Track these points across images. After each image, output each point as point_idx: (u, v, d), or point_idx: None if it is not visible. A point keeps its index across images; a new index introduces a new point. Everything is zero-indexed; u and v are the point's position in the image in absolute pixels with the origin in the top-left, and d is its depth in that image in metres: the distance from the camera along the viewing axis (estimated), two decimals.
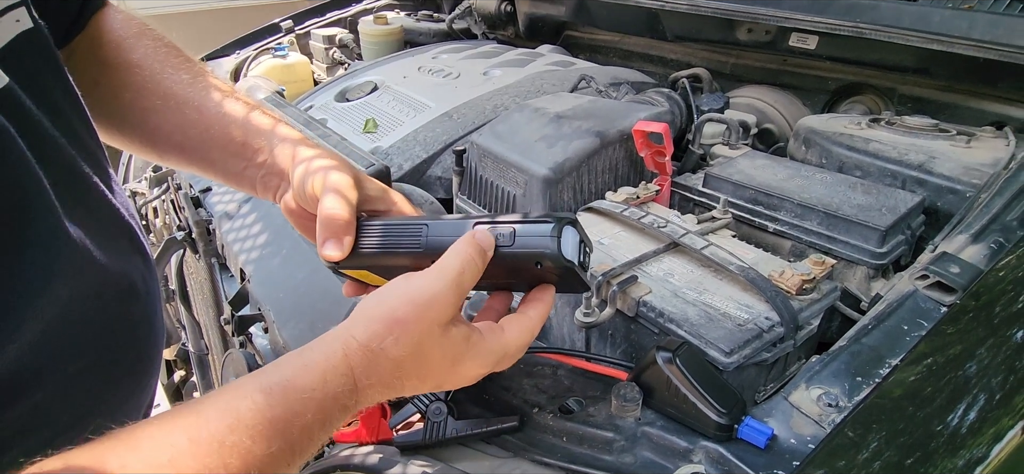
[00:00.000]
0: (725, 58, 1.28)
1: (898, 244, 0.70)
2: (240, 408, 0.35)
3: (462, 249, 0.42)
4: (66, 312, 0.41)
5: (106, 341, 0.46)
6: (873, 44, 0.95)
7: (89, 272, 0.44)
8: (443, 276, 0.41)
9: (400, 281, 0.42)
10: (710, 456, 0.46)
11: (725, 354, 0.53)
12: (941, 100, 1.02)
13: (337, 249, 0.47)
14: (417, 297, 0.40)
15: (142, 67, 0.57)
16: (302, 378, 0.38)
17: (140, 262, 0.52)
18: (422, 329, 0.40)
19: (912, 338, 0.52)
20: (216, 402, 0.36)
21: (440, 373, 0.42)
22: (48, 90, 0.45)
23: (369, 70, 1.39)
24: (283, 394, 0.36)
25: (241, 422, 0.34)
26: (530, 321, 0.46)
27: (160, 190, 1.15)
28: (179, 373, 1.29)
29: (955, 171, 0.75)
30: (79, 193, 0.45)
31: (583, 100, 0.97)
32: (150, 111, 0.56)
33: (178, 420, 0.34)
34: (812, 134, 0.89)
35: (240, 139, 0.55)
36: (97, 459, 0.31)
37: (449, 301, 0.41)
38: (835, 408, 0.47)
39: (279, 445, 0.35)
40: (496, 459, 0.51)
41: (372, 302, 0.42)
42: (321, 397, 0.37)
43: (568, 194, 0.83)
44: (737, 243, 0.69)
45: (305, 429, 0.37)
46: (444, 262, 0.42)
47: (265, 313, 0.75)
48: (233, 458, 0.34)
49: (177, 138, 0.57)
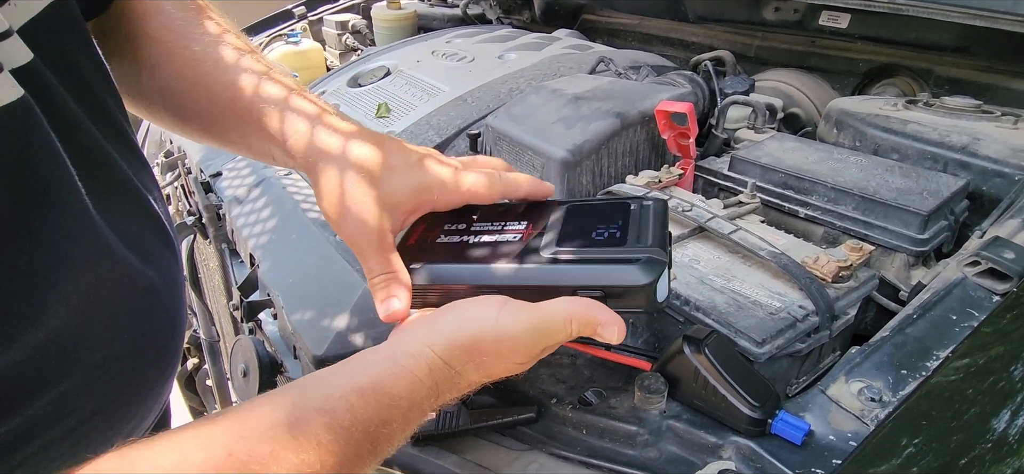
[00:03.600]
0: (750, 40, 1.23)
1: (940, 230, 0.66)
2: (337, 408, 0.35)
3: (570, 311, 0.40)
4: (91, 299, 0.40)
5: (132, 330, 0.44)
6: (910, 21, 0.89)
7: (115, 259, 0.42)
8: (538, 329, 0.40)
9: (493, 308, 0.40)
10: (741, 452, 0.43)
11: (756, 344, 0.50)
12: (981, 81, 0.96)
13: (399, 305, 0.44)
14: (506, 339, 0.40)
15: (161, 39, 0.54)
16: (392, 385, 0.37)
17: (166, 251, 0.50)
18: (503, 364, 0.41)
19: (962, 329, 0.48)
20: (312, 398, 0.35)
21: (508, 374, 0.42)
22: (76, 67, 0.43)
23: (382, 55, 1.36)
24: (376, 398, 0.37)
25: (336, 422, 0.35)
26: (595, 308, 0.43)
27: (172, 176, 1.14)
28: (192, 360, 1.28)
29: (1002, 153, 0.70)
30: (105, 177, 0.43)
31: (602, 81, 0.93)
32: (172, 85, 0.53)
33: (277, 408, 0.34)
34: (845, 116, 0.84)
35: (260, 119, 0.51)
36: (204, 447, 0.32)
37: (534, 352, 0.41)
38: (878, 403, 0.44)
39: (367, 447, 0.36)
40: (512, 451, 0.49)
41: (455, 326, 0.40)
42: (407, 406, 0.38)
43: (587, 178, 0.80)
44: (766, 228, 0.66)
45: (390, 435, 0.37)
46: (545, 316, 0.40)
47: (274, 299, 0.73)
48: (329, 456, 0.34)
49: (202, 116, 0.54)
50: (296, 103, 0.50)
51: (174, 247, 0.52)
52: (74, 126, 0.41)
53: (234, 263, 0.94)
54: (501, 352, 0.40)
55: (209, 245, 1.01)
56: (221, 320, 1.07)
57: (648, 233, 0.42)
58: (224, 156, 1.07)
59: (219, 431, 0.33)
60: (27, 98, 0.35)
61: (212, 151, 1.09)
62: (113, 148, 0.45)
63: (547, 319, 0.40)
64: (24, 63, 0.36)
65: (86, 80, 0.44)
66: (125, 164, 0.46)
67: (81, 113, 0.42)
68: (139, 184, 0.48)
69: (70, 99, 0.41)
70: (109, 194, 0.43)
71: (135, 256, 0.44)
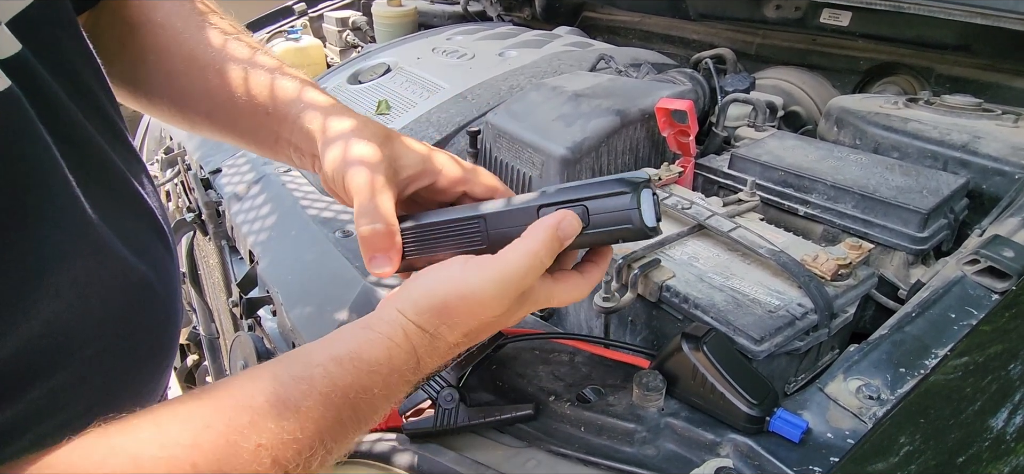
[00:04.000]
0: (751, 38, 1.23)
1: (940, 228, 0.65)
2: (314, 375, 0.36)
3: (529, 247, 0.40)
4: (84, 292, 0.40)
5: (125, 324, 0.44)
6: (911, 19, 0.89)
7: (108, 253, 0.42)
8: (501, 279, 0.39)
9: (456, 268, 0.41)
10: (739, 450, 0.43)
11: (755, 342, 0.50)
12: (982, 80, 0.96)
13: (387, 265, 0.45)
14: (470, 296, 0.40)
15: (165, 27, 0.53)
16: (369, 351, 0.38)
17: (160, 245, 0.50)
18: (475, 323, 0.40)
19: (961, 327, 0.48)
20: (290, 367, 0.36)
21: (488, 330, 0.43)
22: (67, 60, 0.43)
23: (382, 52, 1.36)
24: (353, 365, 0.37)
25: (314, 388, 0.35)
26: (586, 282, 0.44)
27: (172, 172, 1.14)
28: (192, 357, 1.28)
29: (1003, 151, 0.70)
30: (97, 171, 0.43)
31: (602, 79, 0.93)
32: (175, 75, 0.53)
33: (257, 382, 0.35)
34: (845, 114, 0.84)
35: (267, 109, 0.51)
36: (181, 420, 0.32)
37: (504, 305, 0.40)
38: (876, 401, 0.44)
39: (348, 414, 0.36)
40: (510, 448, 0.49)
41: (422, 290, 0.41)
42: (387, 372, 0.38)
43: (586, 175, 0.80)
44: (766, 226, 0.66)
45: (371, 402, 0.37)
46: (507, 264, 0.40)
47: (273, 295, 0.73)
48: (309, 422, 0.34)
49: (204, 106, 0.54)
50: (310, 94, 0.51)
51: (169, 242, 0.52)
52: (65, 119, 0.40)
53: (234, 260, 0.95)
54: (470, 309, 0.40)
55: (209, 242, 1.02)
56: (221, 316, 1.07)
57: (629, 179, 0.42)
58: (224, 153, 1.07)
59: (198, 405, 0.33)
60: (14, 89, 0.35)
61: (212, 148, 1.09)
62: (105, 141, 0.45)
63: (510, 264, 0.40)
64: (12, 54, 0.36)
65: (77, 73, 0.44)
66: (117, 158, 0.46)
67: (72, 106, 0.41)
68: (132, 178, 0.47)
69: (61, 92, 0.40)
70: (101, 188, 0.43)
71: (128, 250, 0.44)
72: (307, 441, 0.34)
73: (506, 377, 0.55)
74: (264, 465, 0.32)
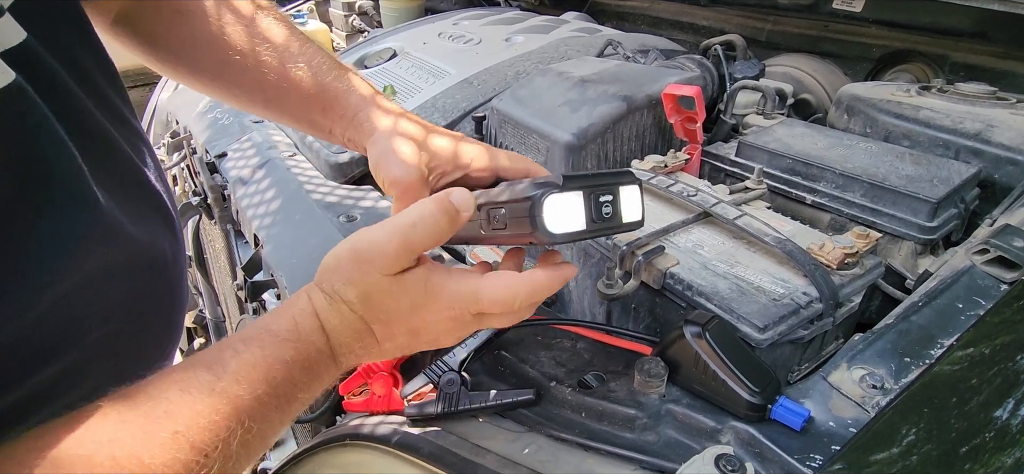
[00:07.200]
0: (761, 24, 1.21)
1: (950, 218, 0.64)
2: (224, 357, 0.37)
3: (422, 206, 0.41)
4: (93, 276, 0.40)
5: (133, 308, 0.45)
6: (926, 5, 0.88)
7: (117, 237, 0.42)
8: (389, 230, 0.40)
9: (358, 232, 0.42)
10: (740, 437, 0.43)
11: (758, 330, 0.49)
12: (998, 68, 0.94)
13: None
14: (359, 248, 0.41)
15: (212, 16, 0.56)
16: (274, 323, 0.40)
17: (167, 229, 0.51)
18: (366, 279, 0.40)
19: (968, 318, 0.47)
20: (204, 357, 0.37)
21: (403, 320, 0.42)
22: (71, 46, 0.43)
23: (388, 37, 1.35)
24: (259, 340, 0.38)
25: (226, 370, 0.36)
26: (519, 279, 0.42)
27: (178, 156, 1.15)
28: (199, 340, 1.30)
29: (1016, 140, 0.69)
30: (105, 155, 0.44)
31: (609, 64, 0.92)
32: (229, 64, 0.56)
33: (172, 374, 0.36)
34: (856, 101, 0.83)
35: (322, 105, 0.55)
36: (98, 416, 0.33)
37: (392, 254, 0.40)
38: (880, 390, 0.44)
39: (264, 389, 0.37)
40: (511, 433, 0.49)
41: (329, 254, 0.43)
42: (295, 339, 0.39)
43: (592, 161, 0.79)
44: (772, 215, 0.65)
45: (286, 372, 0.38)
46: (398, 217, 0.41)
47: (277, 279, 0.74)
48: (223, 403, 0.35)
49: (259, 97, 0.57)
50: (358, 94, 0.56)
51: (175, 225, 0.52)
52: (72, 105, 0.41)
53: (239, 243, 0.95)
54: (361, 259, 0.40)
55: (214, 226, 1.02)
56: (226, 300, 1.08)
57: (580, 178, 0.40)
58: (229, 137, 1.07)
59: (116, 402, 0.34)
60: (19, 81, 0.35)
61: (218, 132, 1.09)
62: (111, 126, 0.45)
63: (400, 216, 0.40)
64: (17, 43, 0.36)
65: (81, 59, 0.44)
66: (124, 142, 0.46)
67: (79, 92, 0.42)
68: (138, 162, 0.48)
69: (70, 80, 0.41)
70: (110, 171, 0.43)
71: (137, 233, 0.44)
72: (223, 422, 0.35)
73: (508, 362, 0.55)
74: (183, 450, 0.33)
